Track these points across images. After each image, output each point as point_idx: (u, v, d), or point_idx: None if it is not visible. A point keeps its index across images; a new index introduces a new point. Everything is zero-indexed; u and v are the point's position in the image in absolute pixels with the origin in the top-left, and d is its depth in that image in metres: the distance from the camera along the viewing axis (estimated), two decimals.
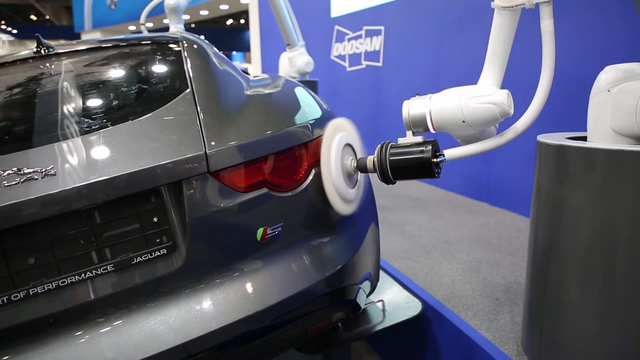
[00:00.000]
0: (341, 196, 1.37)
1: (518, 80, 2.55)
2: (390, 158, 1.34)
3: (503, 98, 1.26)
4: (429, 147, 1.30)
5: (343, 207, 1.39)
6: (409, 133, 1.37)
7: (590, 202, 1.33)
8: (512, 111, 1.28)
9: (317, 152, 1.37)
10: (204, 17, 14.21)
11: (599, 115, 1.39)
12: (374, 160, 1.38)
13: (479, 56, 1.25)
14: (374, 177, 1.45)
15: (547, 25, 1.25)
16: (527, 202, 1.62)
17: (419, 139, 1.34)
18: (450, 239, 2.87)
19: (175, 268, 1.19)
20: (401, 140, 1.37)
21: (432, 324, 1.97)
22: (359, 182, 1.49)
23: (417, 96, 1.37)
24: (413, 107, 1.35)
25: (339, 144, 1.38)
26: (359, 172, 1.47)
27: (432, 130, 1.35)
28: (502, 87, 1.34)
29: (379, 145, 1.38)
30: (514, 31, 1.31)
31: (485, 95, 1.27)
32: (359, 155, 1.49)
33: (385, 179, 1.37)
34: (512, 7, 1.25)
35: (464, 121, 1.29)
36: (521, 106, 1.40)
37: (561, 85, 2.97)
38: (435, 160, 1.30)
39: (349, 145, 1.45)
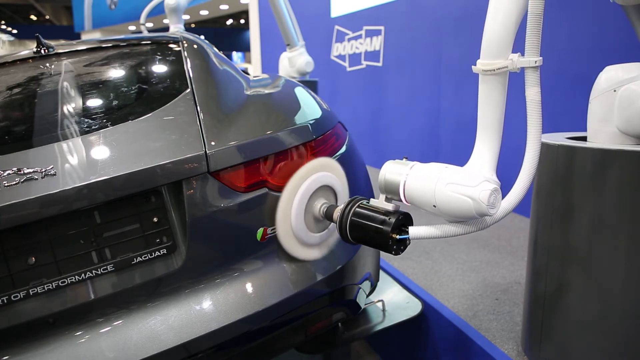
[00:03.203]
0: (298, 239, 1.29)
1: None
2: (352, 217, 1.20)
3: (484, 195, 1.05)
4: (392, 220, 1.13)
5: (298, 251, 1.30)
6: (381, 197, 1.21)
7: (590, 202, 1.33)
8: (492, 212, 1.07)
9: (317, 152, 1.37)
10: (204, 17, 14.23)
11: (602, 115, 1.39)
12: (339, 213, 1.25)
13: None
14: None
15: (532, 93, 1.11)
16: (527, 202, 1.62)
17: (390, 207, 1.18)
18: (450, 239, 2.87)
19: (175, 268, 1.19)
20: (373, 202, 1.22)
21: (432, 324, 1.96)
22: (330, 230, 1.36)
23: (404, 159, 1.22)
24: (390, 172, 1.19)
25: (312, 183, 1.28)
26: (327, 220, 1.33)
27: (404, 202, 1.19)
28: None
29: (348, 199, 1.25)
30: (504, 96, 1.16)
31: (464, 185, 1.07)
32: (342, 200, 1.35)
33: (343, 237, 1.24)
34: (494, 70, 1.12)
35: (434, 206, 1.12)
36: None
37: (560, 85, 2.97)
38: (394, 235, 1.13)
39: (329, 187, 1.34)
